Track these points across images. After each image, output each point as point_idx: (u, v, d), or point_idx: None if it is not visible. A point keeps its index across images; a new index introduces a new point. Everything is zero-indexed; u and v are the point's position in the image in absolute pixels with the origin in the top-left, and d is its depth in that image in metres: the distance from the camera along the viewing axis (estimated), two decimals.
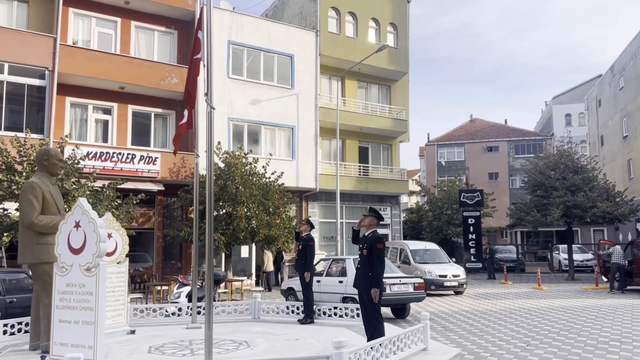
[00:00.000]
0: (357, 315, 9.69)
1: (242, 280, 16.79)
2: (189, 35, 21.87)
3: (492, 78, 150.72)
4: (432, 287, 18.15)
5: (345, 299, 12.33)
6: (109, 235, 9.00)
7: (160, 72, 20.35)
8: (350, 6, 25.83)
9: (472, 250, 26.73)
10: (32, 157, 14.56)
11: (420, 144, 72.39)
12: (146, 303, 15.42)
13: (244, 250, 22.28)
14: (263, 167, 18.53)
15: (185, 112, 10.96)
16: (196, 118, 20.91)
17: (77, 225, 6.40)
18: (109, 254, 8.95)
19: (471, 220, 27.01)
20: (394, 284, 12.09)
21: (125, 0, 20.26)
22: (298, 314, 10.43)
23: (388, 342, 6.52)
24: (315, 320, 10.16)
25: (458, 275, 18.52)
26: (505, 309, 14.22)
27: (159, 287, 15.77)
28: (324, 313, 10.28)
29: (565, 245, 27.20)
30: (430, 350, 7.49)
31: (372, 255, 6.70)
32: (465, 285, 18.71)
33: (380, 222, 7.08)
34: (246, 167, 18.15)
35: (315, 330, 9.34)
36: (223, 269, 20.96)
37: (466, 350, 8.82)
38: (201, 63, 7.90)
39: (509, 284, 22.57)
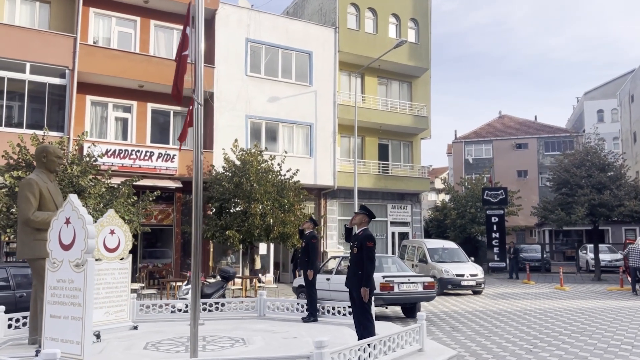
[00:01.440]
0: None
1: (256, 277, 16.81)
2: (207, 34, 22.00)
3: (525, 74, 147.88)
4: (449, 286, 17.88)
5: None
6: (112, 232, 9.09)
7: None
8: (369, 2, 25.60)
9: (496, 250, 26.24)
10: None
11: (449, 142, 71.54)
12: (160, 299, 15.59)
13: (262, 247, 22.33)
14: (278, 164, 18.52)
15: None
16: (212, 115, 21.12)
17: (67, 221, 6.44)
18: (111, 250, 9.04)
19: (494, 219, 26.51)
20: (402, 283, 11.91)
21: None
22: (303, 311, 10.37)
23: (378, 343, 6.40)
24: (319, 319, 10.09)
25: (476, 275, 18.17)
26: (521, 310, 13.88)
27: (173, 283, 15.91)
28: (328, 311, 10.20)
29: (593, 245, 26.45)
30: (426, 351, 7.32)
31: (363, 254, 6.58)
32: (483, 285, 18.36)
33: (373, 219, 6.95)
34: (262, 165, 18.18)
35: (316, 329, 9.26)
36: (241, 266, 21.10)
37: (469, 351, 8.62)
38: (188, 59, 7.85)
39: (531, 284, 22.08)
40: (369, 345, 6.16)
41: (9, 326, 8.35)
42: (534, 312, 13.46)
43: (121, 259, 9.18)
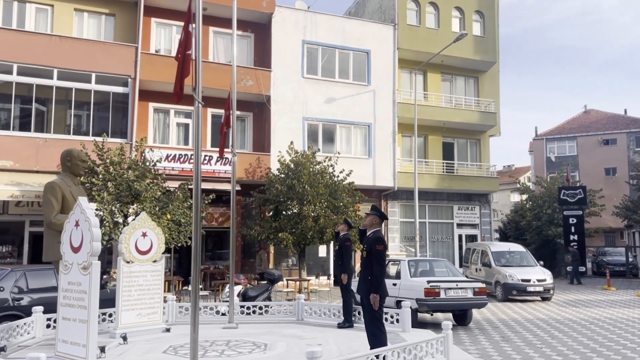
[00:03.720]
0: (397, 321, 9.10)
1: (308, 280, 16.61)
2: (264, 38, 22.15)
3: (615, 66, 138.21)
4: (514, 292, 16.78)
5: (399, 303, 11.65)
6: (144, 234, 9.15)
7: (237, 75, 20.67)
8: None
9: None
10: (108, 160, 15.48)
11: (530, 139, 68.04)
12: (214, 301, 15.73)
13: (322, 250, 22.14)
14: (331, 165, 18.22)
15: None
16: (269, 118, 21.20)
17: (77, 224, 6.49)
18: (143, 253, 9.09)
19: (572, 220, 24.91)
20: (449, 289, 11.22)
21: (202, 7, 20.90)
22: (340, 317, 10.01)
23: (390, 354, 5.93)
24: (355, 325, 9.68)
25: (544, 280, 16.92)
26: (588, 319, 12.70)
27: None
28: None
29: None
30: None
31: (372, 258, 6.13)
32: (552, 291, 17.05)
33: (384, 220, 6.48)
34: (316, 167, 17.97)
35: (346, 336, 8.85)
36: (299, 269, 20.97)
37: None
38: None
39: (611, 290, 20.31)
40: (377, 356, 5.71)
41: (48, 326, 8.61)
42: (602, 321, 12.27)
43: (154, 262, 9.23)
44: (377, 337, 6.12)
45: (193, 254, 6.10)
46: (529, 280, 16.78)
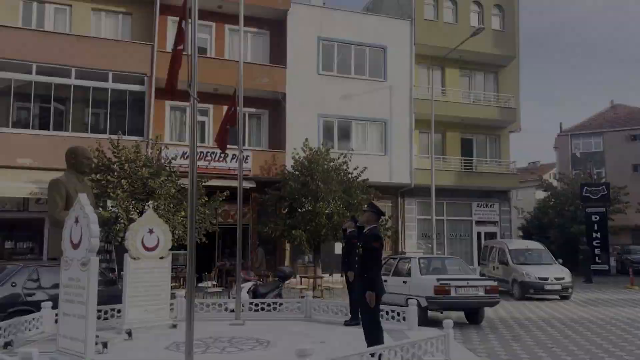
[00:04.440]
0: (404, 319, 9.00)
1: (322, 277, 16.57)
2: (280, 35, 22.11)
3: None
4: (531, 290, 16.47)
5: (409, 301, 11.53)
6: (151, 231, 9.18)
7: (252, 72, 20.75)
8: None
9: (597, 251, 24.07)
10: (123, 158, 15.65)
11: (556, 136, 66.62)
12: (228, 297, 15.76)
13: (338, 247, 22.05)
14: (344, 162, 18.12)
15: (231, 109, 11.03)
16: (285, 115, 21.18)
17: (77, 220, 6.54)
18: (150, 249, 9.13)
19: (595, 217, 24.38)
20: (460, 287, 11.05)
21: (218, 5, 20.99)
22: (346, 314, 9.95)
23: (386, 352, 5.85)
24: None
25: (562, 279, 16.56)
26: (605, 318, 12.39)
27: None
28: None
29: None
30: None
31: (368, 255, 6.03)
32: (571, 290, 16.69)
33: (381, 219, 6.38)
34: (330, 164, 17.90)
35: (351, 333, 8.75)
36: (314, 266, 20.92)
37: None
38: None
39: (634, 289, 19.81)
40: (372, 355, 5.63)
41: (56, 321, 8.69)
42: (620, 321, 11.95)
43: (161, 258, 9.25)
44: (373, 335, 6.04)
45: (188, 254, 6.10)
46: (546, 279, 16.45)
